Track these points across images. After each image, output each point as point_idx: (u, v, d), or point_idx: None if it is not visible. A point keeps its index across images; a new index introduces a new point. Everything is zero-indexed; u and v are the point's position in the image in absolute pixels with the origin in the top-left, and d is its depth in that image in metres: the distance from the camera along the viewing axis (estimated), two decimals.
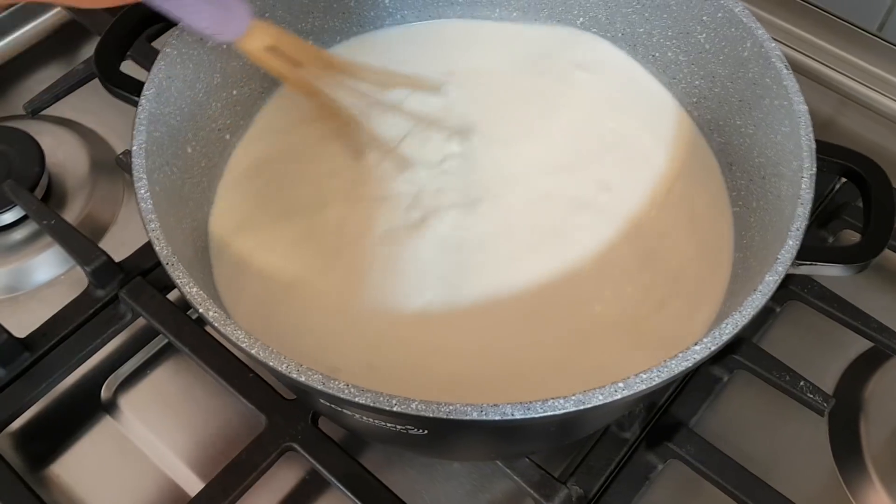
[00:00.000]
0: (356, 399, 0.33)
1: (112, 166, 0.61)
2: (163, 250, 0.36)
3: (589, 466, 0.46)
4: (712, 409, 0.51)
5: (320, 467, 0.45)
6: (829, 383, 0.52)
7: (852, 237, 0.58)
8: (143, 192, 0.37)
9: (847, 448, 0.50)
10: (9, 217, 0.57)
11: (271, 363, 0.34)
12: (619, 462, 0.47)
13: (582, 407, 0.32)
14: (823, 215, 0.57)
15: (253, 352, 0.34)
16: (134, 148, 0.39)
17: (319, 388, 0.33)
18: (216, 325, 0.34)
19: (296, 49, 0.45)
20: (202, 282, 0.40)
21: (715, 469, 0.46)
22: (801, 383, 0.48)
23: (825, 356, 0.53)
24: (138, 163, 0.38)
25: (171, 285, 0.52)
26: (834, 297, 0.52)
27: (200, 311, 0.35)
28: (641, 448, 0.47)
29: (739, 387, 0.51)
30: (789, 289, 0.52)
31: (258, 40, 0.42)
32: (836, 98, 0.68)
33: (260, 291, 0.45)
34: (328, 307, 0.45)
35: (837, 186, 0.58)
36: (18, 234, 0.58)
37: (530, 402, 0.32)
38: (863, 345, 0.53)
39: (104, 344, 0.52)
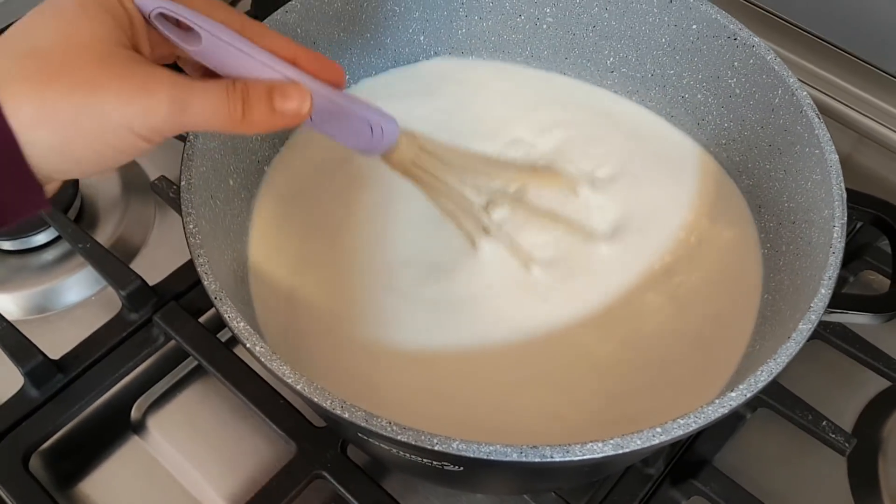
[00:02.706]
0: (398, 437, 0.34)
1: (144, 189, 0.62)
2: (211, 285, 0.37)
3: (614, 502, 0.47)
4: (734, 446, 0.51)
5: (349, 496, 0.46)
6: (847, 421, 0.53)
7: (871, 276, 0.59)
8: (191, 226, 0.38)
9: (865, 486, 0.51)
10: (41, 238, 0.58)
11: (316, 399, 0.35)
12: (643, 498, 0.48)
13: (620, 451, 0.33)
14: (844, 256, 0.57)
15: (298, 387, 0.35)
16: (183, 184, 0.40)
17: (362, 424, 0.34)
18: (263, 360, 0.35)
19: (439, 156, 0.44)
20: (242, 312, 0.41)
21: None
22: (824, 423, 0.49)
23: (844, 394, 0.54)
24: (187, 198, 0.39)
25: (204, 309, 0.54)
26: (855, 337, 0.53)
27: (248, 345, 0.36)
28: (666, 484, 0.48)
29: (761, 423, 0.52)
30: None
31: (404, 152, 0.42)
32: (854, 136, 0.69)
33: (294, 320, 0.46)
34: (356, 339, 0.46)
35: (858, 226, 0.59)
36: (50, 255, 0.59)
37: (569, 445, 0.33)
38: (882, 383, 0.54)
39: (136, 367, 0.52)
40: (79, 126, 0.30)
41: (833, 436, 0.48)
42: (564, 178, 0.51)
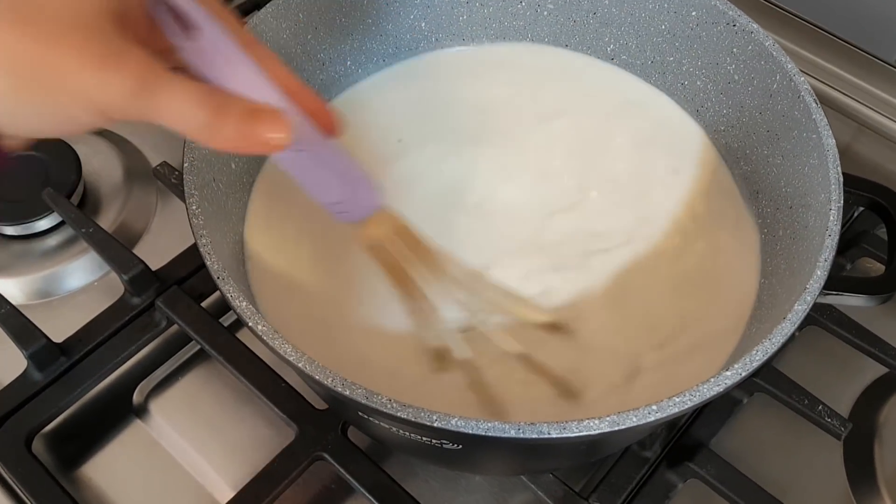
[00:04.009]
0: (398, 414, 0.34)
1: (146, 175, 0.62)
2: (214, 265, 0.37)
3: (611, 484, 0.47)
4: (730, 430, 0.52)
5: (350, 477, 0.47)
6: (844, 407, 0.53)
7: (868, 263, 0.59)
8: (194, 207, 0.39)
9: (861, 471, 0.51)
10: (44, 224, 0.59)
11: (317, 377, 0.35)
12: (639, 480, 0.48)
13: (616, 428, 0.34)
14: (842, 243, 0.57)
15: (300, 365, 0.35)
16: (186, 165, 0.40)
17: (363, 402, 0.34)
18: (265, 338, 0.36)
19: (411, 244, 0.43)
20: (244, 294, 0.41)
21: (734, 489, 0.47)
22: (820, 407, 0.49)
23: (841, 380, 0.55)
24: (190, 179, 0.40)
25: (206, 294, 0.54)
26: (852, 323, 0.53)
27: (250, 324, 0.36)
28: (662, 467, 0.48)
29: (757, 408, 0.52)
30: (809, 314, 0.53)
31: (378, 229, 0.40)
32: (853, 126, 0.69)
33: (292, 303, 0.47)
34: (354, 321, 0.46)
35: (856, 214, 0.59)
36: (53, 241, 0.59)
37: (566, 422, 0.34)
38: (878, 370, 0.54)
39: (139, 350, 0.53)
40: (36, 78, 0.29)
41: (829, 420, 0.49)
42: (544, 314, 0.46)
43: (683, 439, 0.50)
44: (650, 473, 0.48)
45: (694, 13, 0.50)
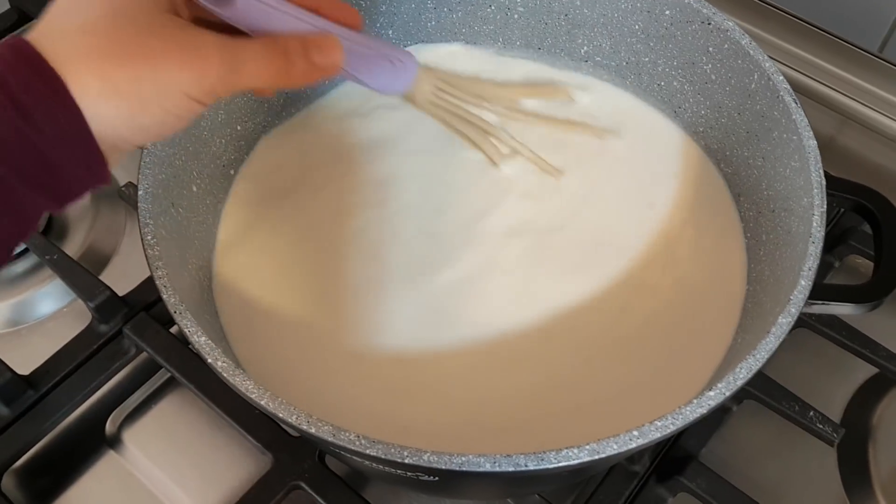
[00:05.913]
0: (367, 451, 0.33)
1: (113, 196, 0.61)
2: (170, 298, 0.36)
3: (599, 501, 0.46)
4: (720, 439, 0.50)
5: None
6: (836, 410, 0.52)
7: (857, 260, 0.58)
8: (149, 238, 0.37)
9: (856, 476, 0.50)
10: None
11: (281, 414, 0.33)
12: (629, 496, 0.47)
13: (596, 457, 0.32)
14: (829, 240, 0.56)
15: (262, 402, 0.34)
16: (140, 193, 0.38)
17: (329, 439, 0.33)
18: (225, 375, 0.34)
19: (455, 85, 0.47)
20: (209, 324, 0.40)
21: (726, 502, 0.46)
22: (811, 413, 0.48)
23: (832, 382, 0.53)
24: (144, 207, 0.38)
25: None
26: (842, 324, 0.52)
27: (209, 361, 0.34)
28: (651, 481, 0.47)
29: (748, 415, 0.51)
30: (798, 317, 0.52)
31: (424, 86, 0.44)
32: (837, 118, 0.68)
33: (264, 329, 0.45)
34: (329, 347, 0.45)
35: (843, 210, 0.58)
36: (20, 267, 0.58)
37: (544, 453, 0.32)
38: (870, 370, 0.53)
39: (108, 380, 0.51)
40: (140, 96, 0.31)
41: (821, 426, 0.47)
42: (560, 88, 0.54)
43: (673, 451, 0.48)
44: (639, 489, 0.47)
45: (668, 12, 0.48)
